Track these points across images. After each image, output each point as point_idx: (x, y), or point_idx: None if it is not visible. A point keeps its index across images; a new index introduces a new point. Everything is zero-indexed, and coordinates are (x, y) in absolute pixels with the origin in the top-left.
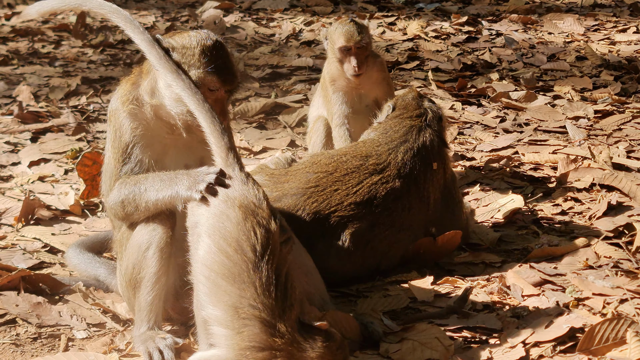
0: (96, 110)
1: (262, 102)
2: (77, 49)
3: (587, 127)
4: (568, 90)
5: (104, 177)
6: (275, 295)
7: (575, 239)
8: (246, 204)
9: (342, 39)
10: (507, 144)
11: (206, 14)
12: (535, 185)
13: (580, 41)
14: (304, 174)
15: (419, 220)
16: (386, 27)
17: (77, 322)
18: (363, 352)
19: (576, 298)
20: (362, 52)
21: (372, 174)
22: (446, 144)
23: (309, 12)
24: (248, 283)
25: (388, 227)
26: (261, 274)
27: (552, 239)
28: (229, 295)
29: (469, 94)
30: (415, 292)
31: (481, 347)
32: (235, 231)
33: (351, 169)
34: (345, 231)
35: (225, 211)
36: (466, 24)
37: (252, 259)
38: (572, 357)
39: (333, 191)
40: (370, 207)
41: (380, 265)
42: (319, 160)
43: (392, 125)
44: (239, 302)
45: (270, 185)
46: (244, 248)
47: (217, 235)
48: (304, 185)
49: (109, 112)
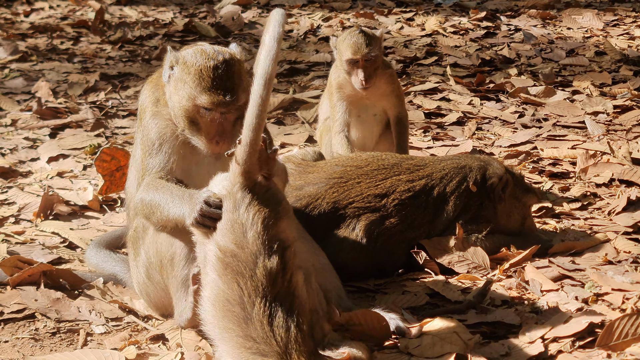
0: (114, 106)
1: (280, 97)
2: (96, 45)
3: (606, 122)
4: (587, 86)
5: (130, 172)
6: (280, 332)
7: (595, 234)
8: (225, 248)
9: (349, 51)
10: (526, 140)
11: (224, 10)
12: (555, 181)
13: (599, 36)
14: (332, 166)
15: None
16: (404, 23)
17: (95, 317)
18: (381, 350)
19: (595, 293)
20: (371, 65)
21: (402, 172)
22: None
23: (327, 7)
24: (251, 328)
25: (399, 222)
26: (260, 322)
27: (571, 235)
28: (236, 334)
29: (487, 90)
30: (434, 287)
31: (499, 343)
32: (222, 285)
33: (384, 166)
34: (358, 223)
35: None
36: (485, 20)
37: (240, 313)
38: (591, 352)
39: (356, 183)
40: (386, 199)
41: (389, 263)
42: (358, 156)
43: None
44: (246, 343)
45: (295, 174)
46: (232, 303)
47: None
48: (328, 176)
49: (138, 108)
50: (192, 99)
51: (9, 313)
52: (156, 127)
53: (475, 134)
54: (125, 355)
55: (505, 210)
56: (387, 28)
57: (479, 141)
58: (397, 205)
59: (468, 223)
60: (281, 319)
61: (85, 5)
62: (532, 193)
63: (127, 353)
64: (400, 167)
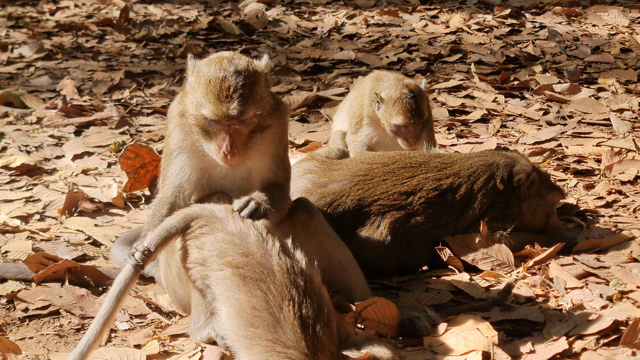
0: (139, 104)
1: (304, 95)
2: (120, 43)
3: (631, 120)
4: (612, 83)
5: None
6: (310, 333)
7: (620, 231)
8: (234, 262)
9: (400, 117)
10: (551, 137)
11: (248, 7)
12: (579, 178)
13: (624, 33)
14: (358, 164)
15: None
16: (429, 20)
17: (119, 313)
18: (406, 348)
19: (620, 291)
20: (418, 127)
21: (430, 171)
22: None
23: (351, 5)
24: (280, 333)
25: (425, 221)
26: (291, 325)
27: (595, 232)
28: (266, 339)
29: (512, 87)
30: (458, 285)
31: (524, 340)
32: (244, 295)
33: (411, 164)
34: (383, 221)
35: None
36: (509, 17)
37: (268, 318)
38: (615, 350)
39: (381, 181)
40: (412, 197)
41: (413, 261)
42: (386, 154)
43: None
44: (276, 347)
45: (319, 171)
46: (259, 309)
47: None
48: (353, 173)
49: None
50: (199, 108)
51: (33, 309)
52: (177, 137)
53: (499, 132)
54: (148, 352)
55: (530, 208)
56: (411, 25)
57: (503, 139)
58: (424, 203)
59: (493, 220)
60: (311, 320)
61: (110, 3)
62: (557, 191)
63: (149, 349)
64: (428, 166)
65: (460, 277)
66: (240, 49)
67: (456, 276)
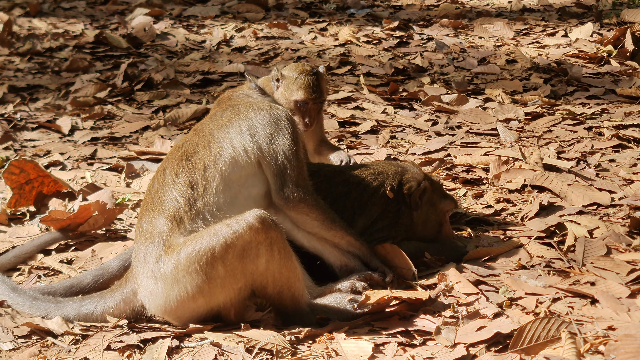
0: (23, 119)
1: (193, 108)
2: (4, 57)
3: (518, 129)
4: (499, 93)
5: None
6: None
7: (508, 239)
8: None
9: (301, 92)
10: (440, 147)
11: (135, 21)
12: (468, 187)
13: (510, 45)
14: None
15: None
16: (318, 33)
17: (3, 334)
18: None
19: (509, 298)
20: (317, 107)
21: (322, 181)
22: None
23: (240, 18)
24: None
25: None
26: None
27: (485, 241)
28: None
29: (400, 98)
30: None
31: (423, 348)
32: None
33: None
34: None
35: None
36: (397, 29)
37: None
38: (504, 356)
39: None
40: None
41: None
42: None
43: None
44: None
45: None
46: None
47: None
48: None
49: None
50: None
51: None
52: None
53: (389, 142)
54: None
55: (422, 217)
56: (300, 38)
57: (393, 149)
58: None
59: (384, 229)
60: None
61: None
62: (449, 199)
63: None
64: (319, 175)
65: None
66: (128, 62)
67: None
